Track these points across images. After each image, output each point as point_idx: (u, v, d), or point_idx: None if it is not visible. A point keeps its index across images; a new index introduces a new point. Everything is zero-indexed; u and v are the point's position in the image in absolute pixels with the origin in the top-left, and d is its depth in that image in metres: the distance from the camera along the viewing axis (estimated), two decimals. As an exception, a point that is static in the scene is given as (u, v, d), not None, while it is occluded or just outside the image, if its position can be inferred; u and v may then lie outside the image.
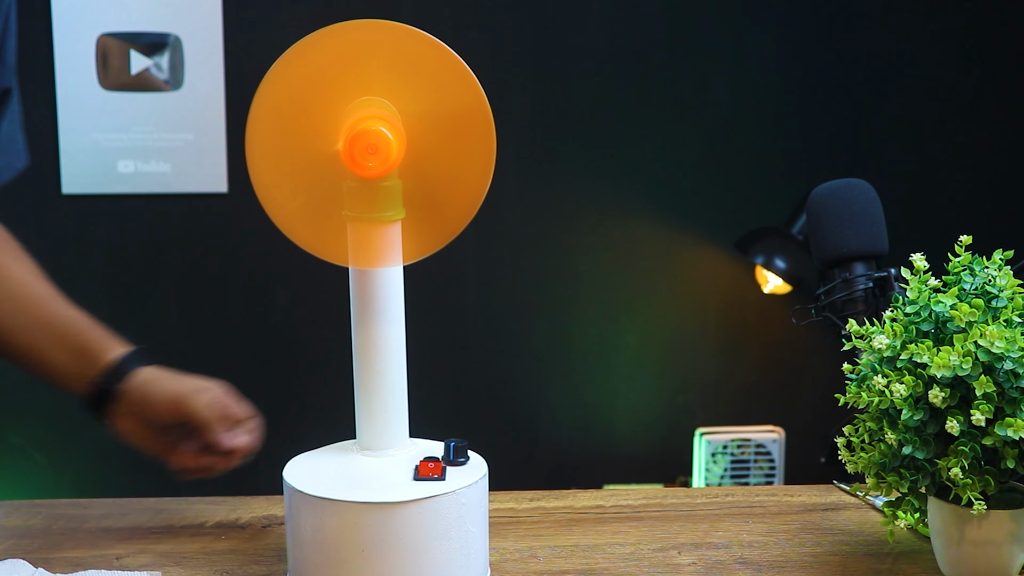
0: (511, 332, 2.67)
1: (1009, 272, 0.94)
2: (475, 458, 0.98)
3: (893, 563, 1.04)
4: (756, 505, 1.18)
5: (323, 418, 2.17)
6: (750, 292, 2.65)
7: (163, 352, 2.82)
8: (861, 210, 1.17)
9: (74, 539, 1.10)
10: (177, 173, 2.53)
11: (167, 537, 1.10)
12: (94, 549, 1.07)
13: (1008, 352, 0.87)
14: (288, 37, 0.95)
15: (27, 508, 1.17)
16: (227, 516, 1.15)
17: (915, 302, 0.94)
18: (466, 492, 0.93)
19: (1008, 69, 2.71)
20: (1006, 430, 0.87)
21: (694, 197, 2.68)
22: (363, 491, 0.91)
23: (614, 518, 1.15)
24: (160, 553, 1.06)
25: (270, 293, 2.61)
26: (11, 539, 1.09)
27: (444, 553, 0.92)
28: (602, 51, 2.62)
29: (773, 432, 2.62)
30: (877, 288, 1.13)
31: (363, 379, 0.96)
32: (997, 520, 0.93)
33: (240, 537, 1.10)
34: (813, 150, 2.69)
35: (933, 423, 0.91)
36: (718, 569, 1.03)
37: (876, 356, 0.94)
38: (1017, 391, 0.88)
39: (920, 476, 0.93)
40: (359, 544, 0.90)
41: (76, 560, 1.04)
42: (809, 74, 2.67)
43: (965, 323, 0.90)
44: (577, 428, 2.72)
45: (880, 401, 0.92)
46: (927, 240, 1.29)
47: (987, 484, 0.90)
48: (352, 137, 0.90)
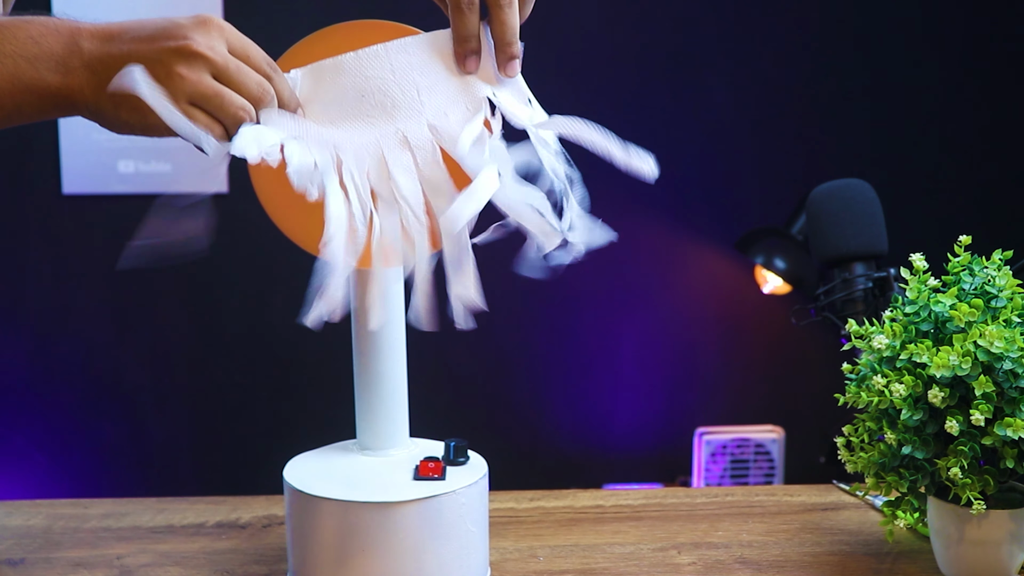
0: (511, 332, 2.67)
1: (1008, 272, 0.94)
2: (475, 458, 0.98)
3: (893, 563, 1.04)
4: (756, 505, 1.18)
5: (323, 418, 2.17)
6: (750, 292, 2.65)
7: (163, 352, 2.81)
8: (861, 210, 1.17)
9: (74, 539, 1.10)
10: (177, 173, 2.53)
11: (167, 537, 1.10)
12: (94, 549, 1.07)
13: (1007, 352, 0.88)
14: (288, 37, 0.95)
15: (27, 508, 1.17)
16: (227, 516, 1.15)
17: (914, 302, 0.94)
18: (466, 492, 0.93)
19: (1008, 69, 2.71)
20: (1005, 430, 0.87)
21: (694, 197, 2.68)
22: (363, 491, 0.91)
23: (614, 518, 1.15)
24: (160, 553, 1.07)
25: (270, 293, 2.61)
26: (11, 539, 1.09)
27: (444, 553, 0.92)
28: (602, 51, 2.62)
29: (773, 432, 2.62)
30: (877, 288, 1.14)
31: (363, 379, 0.96)
32: (996, 520, 0.93)
33: (240, 537, 1.11)
34: (813, 150, 2.69)
35: (932, 423, 0.91)
36: (718, 569, 1.03)
37: (876, 356, 0.94)
38: (1016, 391, 0.88)
39: (919, 476, 0.93)
40: (359, 544, 0.90)
41: (76, 560, 1.05)
42: (809, 74, 2.67)
43: (964, 323, 0.90)
44: (577, 428, 2.72)
45: (880, 401, 0.92)
46: (927, 240, 1.29)
47: (986, 484, 0.90)
48: (352, 137, 0.90)
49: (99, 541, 1.09)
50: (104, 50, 0.78)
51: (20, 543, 1.09)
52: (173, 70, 0.77)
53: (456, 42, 0.89)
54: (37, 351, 2.58)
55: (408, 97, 0.88)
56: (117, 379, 2.58)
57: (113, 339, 2.56)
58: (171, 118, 0.78)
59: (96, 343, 2.57)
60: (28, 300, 2.56)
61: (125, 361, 2.57)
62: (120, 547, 1.08)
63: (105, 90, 0.78)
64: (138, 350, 2.57)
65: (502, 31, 0.88)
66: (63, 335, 2.58)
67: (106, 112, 0.80)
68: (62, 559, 1.05)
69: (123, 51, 0.78)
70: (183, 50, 0.78)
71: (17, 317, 2.57)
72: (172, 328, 2.60)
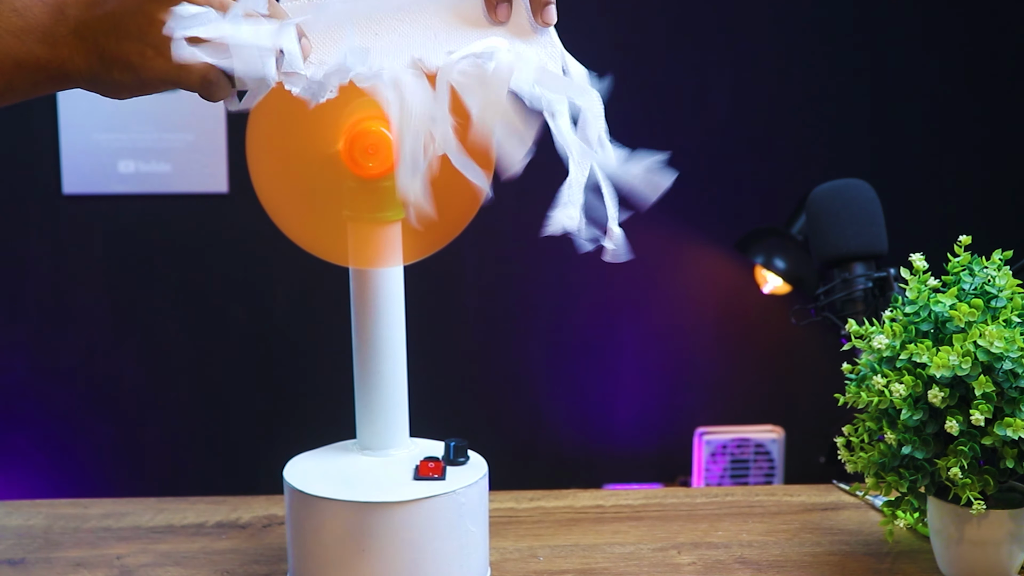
0: (511, 332, 2.67)
1: (1008, 272, 0.94)
2: (475, 458, 0.98)
3: (892, 563, 1.04)
4: (756, 505, 1.18)
5: (323, 418, 2.17)
6: (750, 292, 2.65)
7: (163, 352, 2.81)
8: (861, 210, 1.17)
9: (75, 539, 1.10)
10: (177, 173, 2.53)
11: (168, 537, 1.10)
12: (95, 549, 1.07)
13: (1007, 352, 0.88)
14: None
15: (28, 508, 1.17)
16: (228, 516, 1.15)
17: (914, 302, 0.94)
18: (466, 492, 0.93)
19: (1008, 69, 2.71)
20: (1005, 430, 0.87)
21: (694, 197, 2.68)
22: (363, 491, 0.91)
23: (614, 518, 1.15)
24: (161, 553, 1.07)
25: (270, 293, 2.61)
26: (12, 539, 1.09)
27: (444, 553, 0.92)
28: (601, 50, 2.62)
29: (773, 432, 2.62)
30: (876, 288, 1.14)
31: (363, 379, 0.96)
32: (996, 520, 0.93)
33: (241, 537, 1.11)
34: (813, 150, 2.69)
35: (932, 423, 0.91)
36: (717, 569, 1.03)
37: (875, 356, 0.94)
38: (1016, 391, 0.88)
39: (919, 476, 0.93)
40: (359, 544, 0.90)
41: (77, 560, 1.05)
42: (808, 74, 2.67)
43: (964, 323, 0.90)
44: (577, 428, 2.72)
45: (879, 401, 0.92)
46: (926, 240, 1.29)
47: (986, 484, 0.90)
48: (352, 137, 0.90)
49: (99, 541, 1.09)
50: (89, 13, 0.74)
51: (20, 543, 1.09)
52: (156, 18, 0.73)
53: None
54: (37, 351, 2.58)
55: (424, 35, 0.81)
56: (117, 379, 2.58)
57: (113, 339, 2.56)
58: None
59: (96, 343, 2.57)
60: (28, 300, 2.56)
61: (125, 361, 2.57)
62: (120, 547, 1.08)
63: (95, 55, 0.74)
64: (138, 350, 2.57)
65: None
66: (63, 335, 2.58)
67: (100, 77, 0.76)
68: (62, 559, 1.05)
69: (107, 11, 0.74)
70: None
71: (17, 317, 2.57)
72: (172, 328, 2.60)
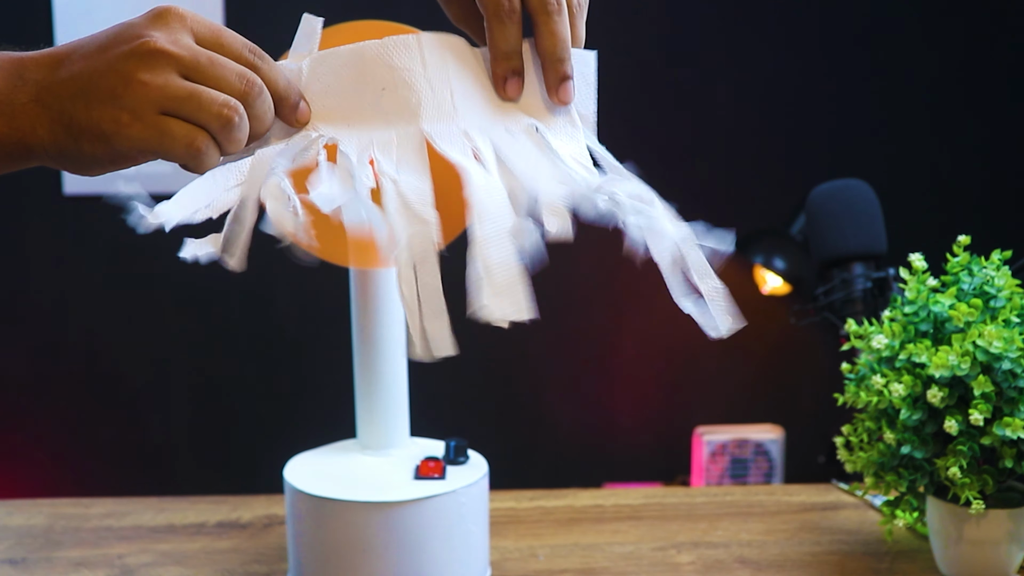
0: (511, 332, 2.66)
1: (1007, 272, 0.95)
2: (475, 457, 0.98)
3: (892, 562, 1.04)
4: (755, 504, 1.19)
5: (323, 418, 2.18)
6: (749, 292, 2.66)
7: (163, 352, 2.81)
8: (860, 210, 1.17)
9: (75, 538, 1.10)
10: (177, 173, 2.52)
11: (168, 536, 1.11)
12: (96, 548, 1.07)
13: (1006, 352, 0.88)
14: (289, 38, 0.95)
15: (29, 507, 1.17)
16: (228, 515, 1.16)
17: (913, 302, 0.94)
18: (466, 491, 0.93)
19: (1007, 69, 2.71)
20: (1004, 430, 0.87)
21: (694, 197, 2.68)
22: (363, 491, 0.91)
23: (614, 517, 1.15)
24: (161, 552, 1.07)
25: (270, 293, 2.62)
26: (12, 538, 1.10)
27: (444, 553, 0.92)
28: (601, 50, 2.62)
29: (772, 432, 2.62)
30: (876, 288, 1.14)
31: (364, 379, 0.96)
32: (995, 519, 0.93)
33: (241, 536, 1.11)
34: (813, 150, 2.70)
35: (931, 423, 0.91)
36: (717, 568, 1.03)
37: (875, 356, 0.94)
38: (1015, 391, 0.88)
39: (919, 475, 0.93)
40: (359, 543, 0.90)
41: (77, 559, 1.05)
42: (808, 75, 2.68)
43: (963, 323, 0.91)
44: (577, 428, 2.73)
45: (879, 401, 0.92)
46: (926, 240, 1.29)
47: (985, 483, 0.90)
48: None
49: (100, 540, 1.09)
50: (52, 76, 0.65)
51: (21, 542, 1.09)
52: (133, 78, 0.64)
53: (494, 60, 0.73)
54: (37, 351, 2.58)
55: (439, 97, 0.73)
56: (118, 379, 2.58)
57: (113, 339, 2.56)
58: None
59: (96, 343, 2.57)
60: (28, 300, 2.57)
61: (126, 361, 2.57)
62: (121, 546, 1.08)
63: (60, 125, 0.65)
64: (139, 350, 2.57)
65: (552, 44, 0.73)
66: (63, 335, 2.58)
67: (67, 150, 0.67)
68: (63, 558, 1.05)
69: (73, 72, 0.64)
70: (140, 51, 0.64)
71: (17, 316, 2.58)
72: (173, 328, 2.60)
